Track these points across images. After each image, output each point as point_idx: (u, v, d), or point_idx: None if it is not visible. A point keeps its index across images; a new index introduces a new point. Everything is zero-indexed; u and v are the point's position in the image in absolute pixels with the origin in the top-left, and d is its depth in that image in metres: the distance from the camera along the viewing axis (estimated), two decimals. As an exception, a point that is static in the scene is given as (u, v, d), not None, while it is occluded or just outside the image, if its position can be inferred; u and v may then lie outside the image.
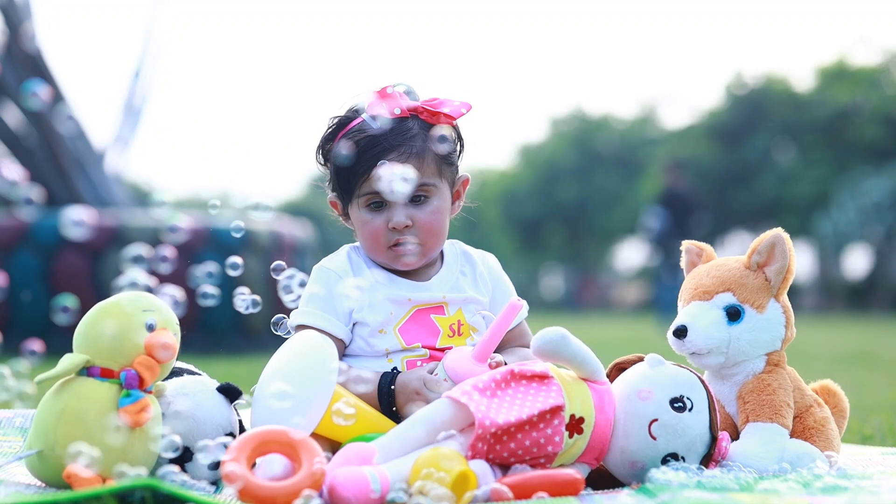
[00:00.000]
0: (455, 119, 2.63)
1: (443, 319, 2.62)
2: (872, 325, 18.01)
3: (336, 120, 2.66)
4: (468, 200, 2.77)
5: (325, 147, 2.68)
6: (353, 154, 2.55)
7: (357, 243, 2.71)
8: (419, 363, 2.56)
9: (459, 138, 2.70)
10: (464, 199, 2.74)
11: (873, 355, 8.81)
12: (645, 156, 34.90)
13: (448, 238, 2.76)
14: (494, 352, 2.50)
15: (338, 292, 2.49)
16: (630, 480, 2.35)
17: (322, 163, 2.70)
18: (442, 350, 2.58)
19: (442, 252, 2.73)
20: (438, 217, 2.62)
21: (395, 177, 2.30)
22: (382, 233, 2.59)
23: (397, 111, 2.56)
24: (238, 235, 2.68)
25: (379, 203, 2.59)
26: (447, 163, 2.64)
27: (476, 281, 2.71)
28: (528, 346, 2.71)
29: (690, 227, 13.53)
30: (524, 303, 2.58)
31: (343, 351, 2.61)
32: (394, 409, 2.47)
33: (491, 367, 2.44)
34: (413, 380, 2.46)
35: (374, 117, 2.54)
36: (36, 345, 2.21)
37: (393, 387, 2.48)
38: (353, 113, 2.64)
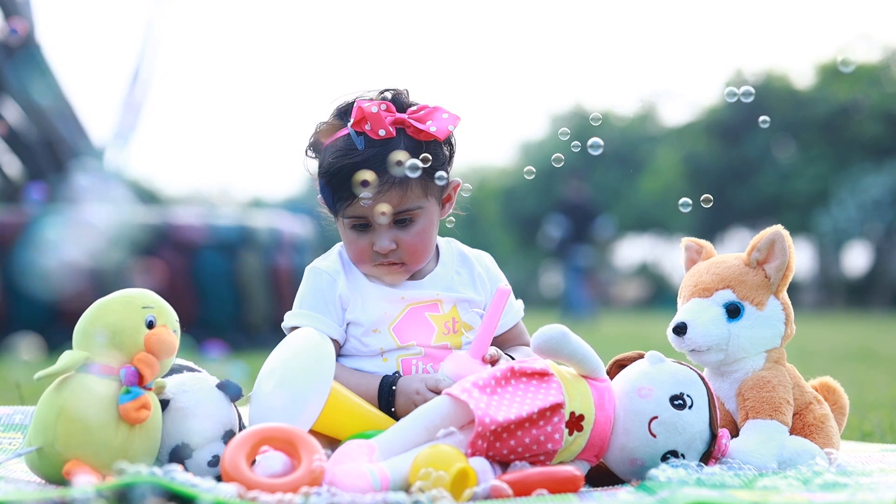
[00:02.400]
0: (441, 139, 2.55)
1: (437, 317, 2.61)
2: (872, 322, 18.02)
3: (323, 126, 2.61)
4: (458, 208, 2.73)
5: (313, 151, 2.63)
6: (336, 178, 2.51)
7: None
8: (414, 361, 2.56)
9: (449, 144, 2.64)
10: (455, 202, 2.71)
11: (873, 352, 8.81)
12: (645, 153, 34.88)
13: (446, 236, 2.75)
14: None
15: None
16: (630, 477, 2.35)
17: (312, 157, 2.67)
18: (437, 348, 2.57)
19: (438, 249, 2.72)
20: (424, 237, 2.58)
21: None
22: (367, 253, 2.57)
23: (382, 133, 2.50)
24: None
25: (363, 225, 2.56)
26: (433, 178, 2.57)
27: (474, 282, 2.70)
28: (527, 345, 2.71)
29: (590, 233, 15.14)
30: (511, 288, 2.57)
31: (338, 351, 2.60)
32: (392, 409, 2.46)
33: (485, 360, 2.44)
34: (415, 381, 2.47)
35: (358, 136, 2.51)
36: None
37: (394, 387, 2.48)
38: (340, 119, 2.59)
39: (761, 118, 2.87)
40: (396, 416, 2.43)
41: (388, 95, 2.59)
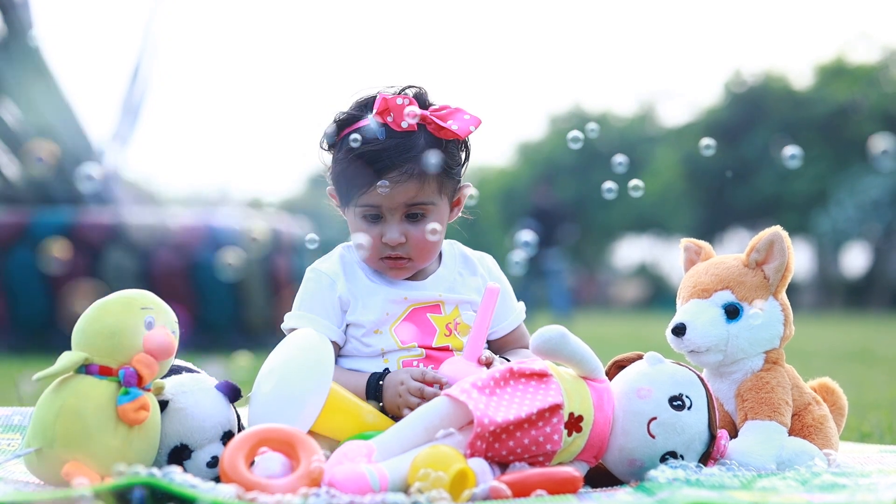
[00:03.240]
0: (462, 138, 2.57)
1: (439, 318, 2.61)
2: (871, 323, 18.03)
3: (343, 115, 2.61)
4: (466, 211, 2.73)
5: (330, 141, 2.64)
6: (354, 165, 2.52)
7: (350, 242, 2.69)
8: (415, 363, 2.55)
9: (465, 148, 2.65)
10: (463, 206, 2.71)
11: (872, 353, 8.81)
12: (644, 153, 34.88)
13: (447, 237, 2.75)
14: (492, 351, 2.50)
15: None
16: (629, 478, 2.35)
17: (326, 148, 2.67)
18: (438, 349, 2.57)
19: (440, 251, 2.72)
20: (433, 234, 2.60)
21: None
22: (376, 245, 2.57)
23: (404, 125, 2.50)
24: (312, 247, 2.69)
25: (375, 216, 2.57)
26: (449, 177, 2.59)
27: (476, 283, 2.70)
28: (527, 348, 2.71)
29: (558, 237, 15.59)
30: (501, 287, 2.57)
31: (337, 353, 2.59)
32: (381, 404, 2.46)
33: (481, 362, 2.44)
34: (401, 373, 2.46)
35: (380, 125, 2.51)
36: None
37: (381, 382, 2.47)
38: (360, 111, 2.59)
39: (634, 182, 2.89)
40: (386, 412, 2.43)
41: (411, 92, 2.60)
